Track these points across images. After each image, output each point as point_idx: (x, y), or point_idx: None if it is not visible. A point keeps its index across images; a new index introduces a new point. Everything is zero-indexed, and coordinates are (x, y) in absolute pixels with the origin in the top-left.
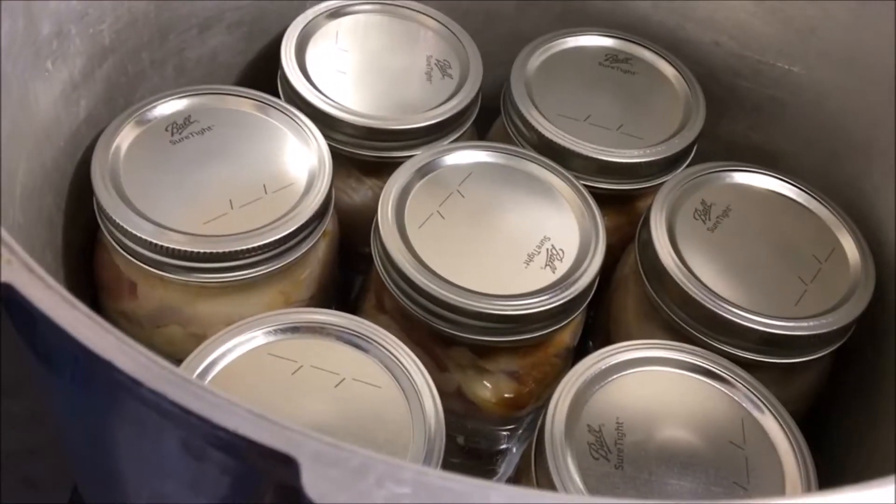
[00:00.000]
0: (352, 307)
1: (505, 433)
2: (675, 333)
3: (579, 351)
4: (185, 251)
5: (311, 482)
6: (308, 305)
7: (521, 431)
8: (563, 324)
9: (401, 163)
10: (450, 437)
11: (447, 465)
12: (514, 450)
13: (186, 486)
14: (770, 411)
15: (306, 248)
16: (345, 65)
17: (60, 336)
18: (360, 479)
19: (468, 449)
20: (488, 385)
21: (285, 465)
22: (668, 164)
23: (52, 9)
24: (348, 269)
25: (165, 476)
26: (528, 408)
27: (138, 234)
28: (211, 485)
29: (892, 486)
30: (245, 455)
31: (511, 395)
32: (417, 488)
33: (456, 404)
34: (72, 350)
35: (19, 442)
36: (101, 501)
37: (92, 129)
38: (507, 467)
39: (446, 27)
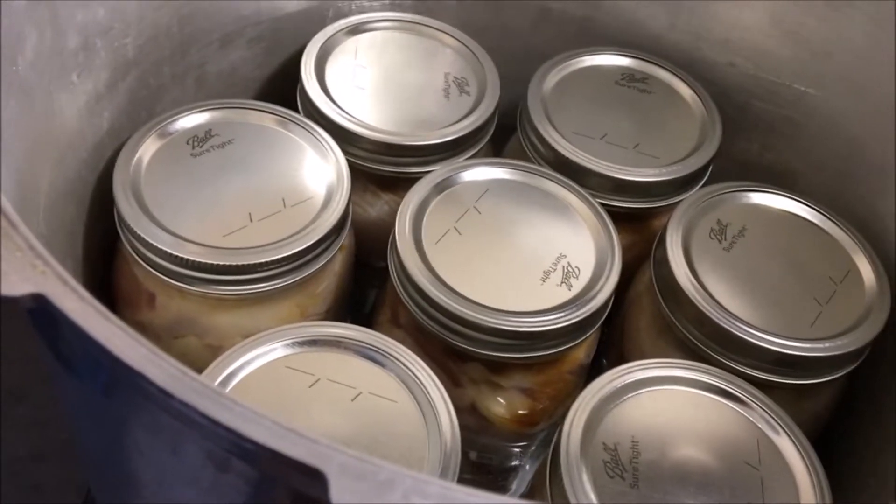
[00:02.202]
0: (367, 321)
1: (517, 450)
2: (689, 352)
3: (593, 368)
4: (204, 263)
5: (338, 495)
6: (323, 318)
7: (533, 448)
8: (577, 341)
9: (417, 178)
10: (462, 453)
11: (459, 481)
12: (527, 467)
13: (206, 495)
14: (786, 432)
15: (323, 262)
16: (363, 81)
17: (92, 347)
18: (386, 492)
19: (480, 465)
20: (502, 401)
21: (312, 478)
22: (684, 184)
23: (80, 22)
24: (363, 282)
25: (185, 484)
26: (541, 424)
27: (158, 246)
28: (231, 494)
29: None
30: (270, 466)
31: (524, 412)
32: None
33: (469, 420)
34: (103, 361)
35: (24, 447)
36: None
37: (114, 140)
38: (518, 484)
39: (464, 45)
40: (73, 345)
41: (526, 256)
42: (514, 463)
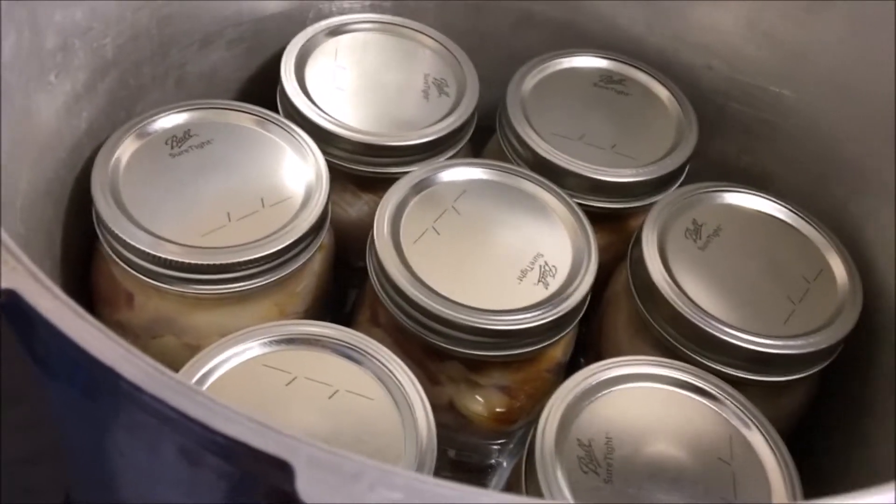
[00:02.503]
0: (346, 320)
1: (496, 447)
2: (665, 350)
3: (571, 367)
4: (182, 262)
5: (305, 486)
6: (303, 318)
7: (511, 446)
8: (555, 339)
9: (397, 179)
10: (441, 451)
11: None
12: (505, 464)
13: (181, 491)
14: (757, 428)
15: (302, 262)
16: (343, 82)
17: (64, 343)
18: (353, 483)
19: (459, 462)
20: (480, 399)
21: (280, 470)
22: (661, 184)
23: (58, 22)
24: (343, 282)
25: (160, 481)
26: (519, 422)
27: (136, 245)
28: (205, 489)
29: (871, 499)
30: (241, 460)
31: (503, 410)
32: (409, 493)
33: (448, 418)
34: (75, 357)
35: (19, 450)
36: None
37: (93, 141)
38: (497, 482)
39: (444, 46)
40: (47, 343)
41: (503, 256)
42: (492, 461)
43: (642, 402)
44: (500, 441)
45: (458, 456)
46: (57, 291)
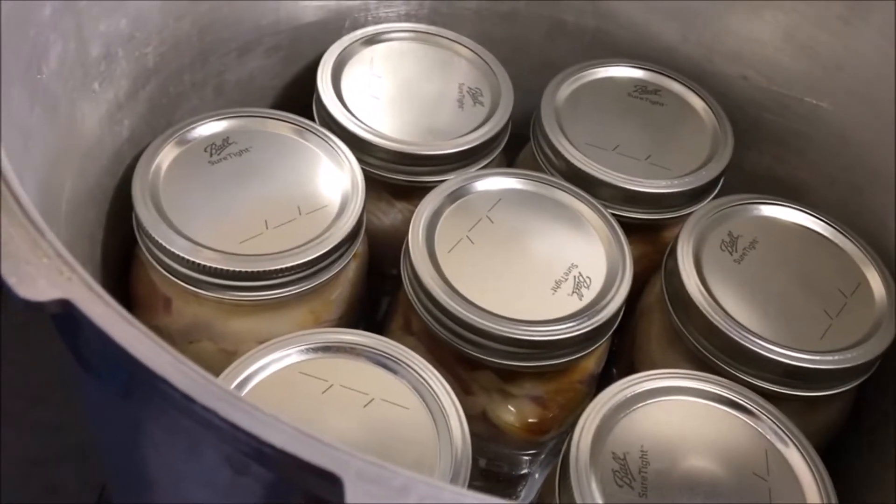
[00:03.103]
0: (378, 328)
1: (527, 458)
2: (699, 363)
3: (603, 378)
4: (220, 269)
5: (353, 500)
6: (337, 325)
7: (543, 457)
8: (588, 351)
9: (431, 187)
10: (472, 460)
11: (469, 489)
12: (536, 475)
13: (221, 496)
14: (794, 443)
15: (337, 269)
16: (379, 90)
17: (116, 351)
18: (401, 497)
19: (489, 472)
20: (513, 409)
21: (329, 483)
22: (695, 195)
23: (102, 31)
24: (376, 290)
25: (201, 486)
26: (551, 433)
27: (174, 251)
28: (245, 496)
29: None
30: (288, 471)
31: (535, 420)
32: None
33: (480, 428)
34: (126, 365)
35: (45, 450)
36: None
37: (134, 148)
38: (527, 492)
39: (479, 56)
40: (96, 349)
41: (537, 266)
42: (523, 471)
43: (677, 415)
44: (531, 451)
45: (490, 466)
46: (108, 298)
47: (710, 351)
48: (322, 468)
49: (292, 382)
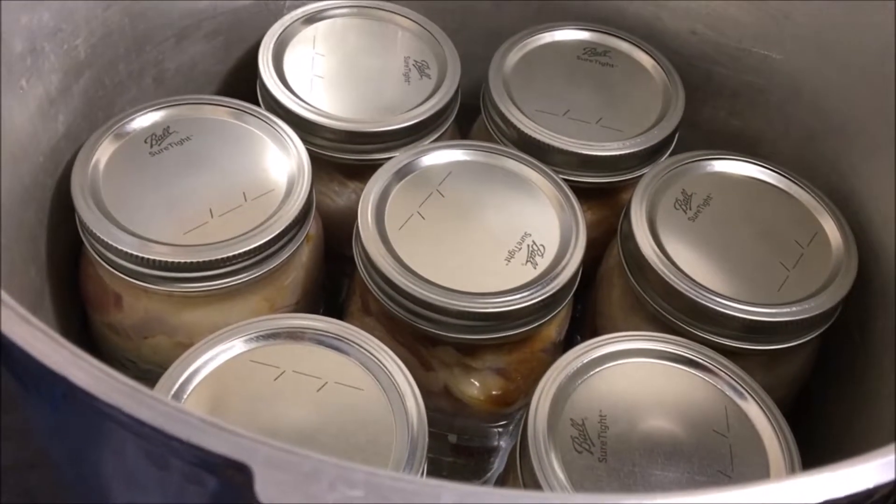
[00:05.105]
0: (341, 310)
1: (497, 430)
2: (660, 325)
3: (568, 345)
4: (167, 262)
5: (263, 488)
6: (294, 310)
7: (512, 428)
8: (546, 319)
9: (382, 165)
10: (441, 436)
11: (440, 465)
12: (507, 446)
13: (158, 494)
14: (753, 398)
15: (288, 254)
16: (322, 69)
17: (15, 351)
18: (312, 482)
19: (460, 447)
20: (476, 382)
21: (239, 472)
22: (649, 156)
23: (24, 26)
24: (336, 272)
25: (139, 487)
26: (517, 403)
27: (120, 248)
28: (177, 492)
29: (871, 464)
30: (200, 463)
31: (499, 392)
32: (369, 490)
33: (444, 403)
34: (31, 367)
35: (18, 456)
36: None
37: (72, 143)
38: (500, 464)
39: (423, 27)
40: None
41: (491, 237)
42: (494, 443)
43: (635, 377)
44: (500, 423)
45: (459, 441)
46: (5, 298)
47: (671, 312)
48: (229, 457)
49: (243, 371)
